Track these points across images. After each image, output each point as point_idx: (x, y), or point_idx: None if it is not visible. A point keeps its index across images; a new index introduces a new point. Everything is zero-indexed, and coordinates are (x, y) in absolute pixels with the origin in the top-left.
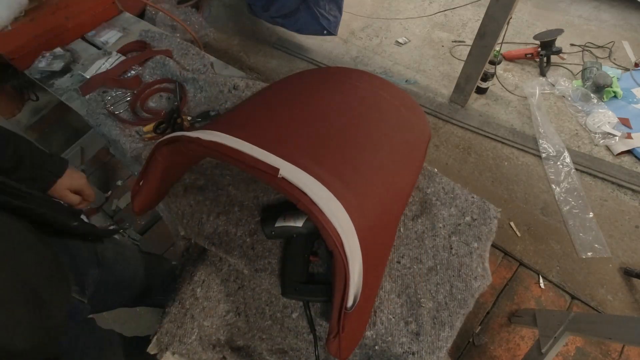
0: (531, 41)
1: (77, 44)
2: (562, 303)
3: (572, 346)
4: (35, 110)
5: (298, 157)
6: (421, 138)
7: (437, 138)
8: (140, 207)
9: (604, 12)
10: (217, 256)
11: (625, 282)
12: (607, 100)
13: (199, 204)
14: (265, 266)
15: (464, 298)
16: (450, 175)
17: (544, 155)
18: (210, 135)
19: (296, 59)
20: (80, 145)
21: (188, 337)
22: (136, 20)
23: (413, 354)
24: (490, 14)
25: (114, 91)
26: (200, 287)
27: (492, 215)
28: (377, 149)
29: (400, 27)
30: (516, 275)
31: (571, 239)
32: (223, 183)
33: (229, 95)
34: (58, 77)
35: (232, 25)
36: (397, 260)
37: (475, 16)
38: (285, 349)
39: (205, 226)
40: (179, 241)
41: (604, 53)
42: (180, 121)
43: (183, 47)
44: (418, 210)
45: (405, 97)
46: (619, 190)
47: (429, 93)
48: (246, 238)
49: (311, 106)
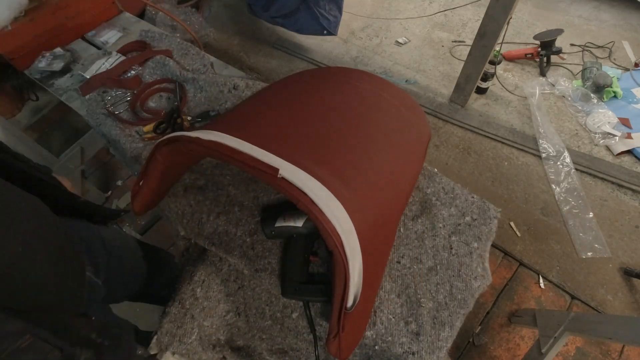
0: (531, 41)
1: (77, 44)
2: (562, 303)
3: (572, 346)
4: (35, 110)
5: (298, 157)
6: (421, 138)
7: (437, 138)
8: (140, 207)
9: (604, 12)
10: (217, 256)
11: (625, 282)
12: (607, 100)
13: (199, 204)
14: (265, 266)
15: (464, 298)
16: (450, 175)
17: (544, 155)
18: (210, 135)
19: (296, 59)
20: (80, 145)
21: (188, 337)
22: (136, 20)
23: (413, 354)
24: (490, 14)
25: (114, 91)
26: (200, 287)
27: (492, 215)
28: (377, 149)
29: (400, 27)
30: (516, 275)
31: (571, 239)
32: (223, 183)
33: (229, 95)
34: (58, 77)
35: (232, 25)
36: (397, 260)
37: (475, 16)
38: (285, 349)
39: (205, 226)
40: (179, 241)
41: (604, 53)
42: (180, 121)
43: (183, 47)
44: (418, 210)
45: (405, 97)
46: (619, 190)
47: (429, 93)
48: (246, 238)
49: (311, 106)
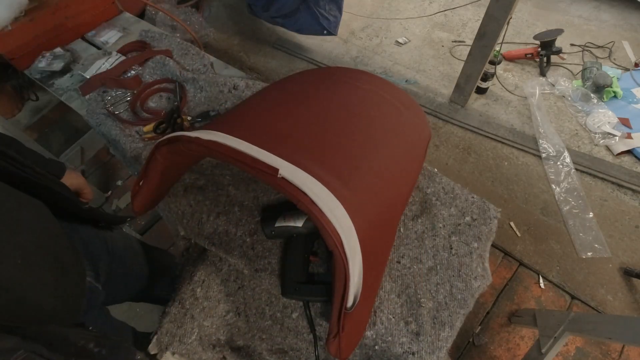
0: (531, 41)
1: (77, 44)
2: (562, 303)
3: (572, 346)
4: (35, 110)
5: (298, 157)
6: (421, 138)
7: (437, 138)
8: (140, 207)
9: (604, 12)
10: (217, 256)
11: (625, 282)
12: (607, 100)
13: (199, 204)
14: (265, 266)
15: (464, 298)
16: (450, 175)
17: (544, 155)
18: (210, 135)
19: (296, 59)
20: (80, 145)
21: (188, 337)
22: (136, 20)
23: (413, 354)
24: (490, 14)
25: (114, 91)
26: (200, 287)
27: (492, 215)
28: (377, 148)
29: (400, 27)
30: (516, 275)
31: (571, 239)
32: (223, 183)
33: (229, 95)
34: (58, 77)
35: (232, 25)
36: (397, 260)
37: (475, 16)
38: (285, 349)
39: (205, 226)
40: (179, 241)
41: (604, 53)
42: (180, 121)
43: (183, 47)
44: (418, 210)
45: (405, 97)
46: (619, 190)
47: (429, 93)
48: (246, 238)
49: (311, 106)
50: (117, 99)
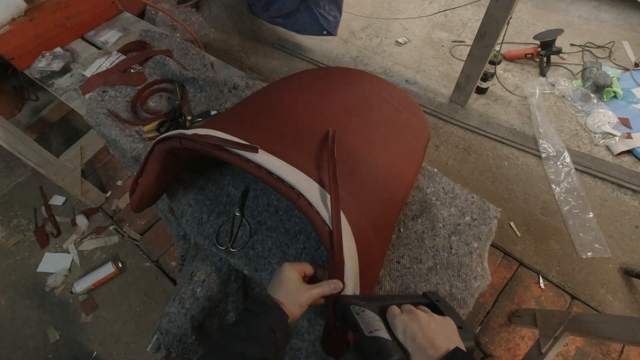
0: (531, 41)
1: (77, 43)
2: (562, 303)
3: (572, 346)
4: (35, 110)
5: (295, 157)
6: (420, 138)
7: (437, 138)
8: (138, 204)
9: (604, 12)
10: (217, 256)
11: (625, 282)
12: (607, 100)
13: (199, 203)
14: (265, 266)
15: (463, 298)
16: (450, 175)
17: (544, 155)
18: (207, 133)
19: (296, 59)
20: (80, 145)
21: (188, 337)
22: (136, 20)
23: None
24: (490, 14)
25: (114, 90)
26: (200, 287)
27: (492, 215)
28: (376, 148)
29: (400, 27)
30: (516, 275)
31: (571, 239)
32: (223, 183)
33: (229, 95)
34: (58, 77)
35: (232, 25)
36: (397, 260)
37: (475, 16)
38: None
39: (205, 226)
40: (178, 241)
41: (604, 53)
42: (183, 120)
43: (183, 47)
44: (418, 210)
45: (405, 97)
46: (619, 190)
47: (429, 93)
48: (246, 238)
49: (310, 106)
50: (117, 99)
